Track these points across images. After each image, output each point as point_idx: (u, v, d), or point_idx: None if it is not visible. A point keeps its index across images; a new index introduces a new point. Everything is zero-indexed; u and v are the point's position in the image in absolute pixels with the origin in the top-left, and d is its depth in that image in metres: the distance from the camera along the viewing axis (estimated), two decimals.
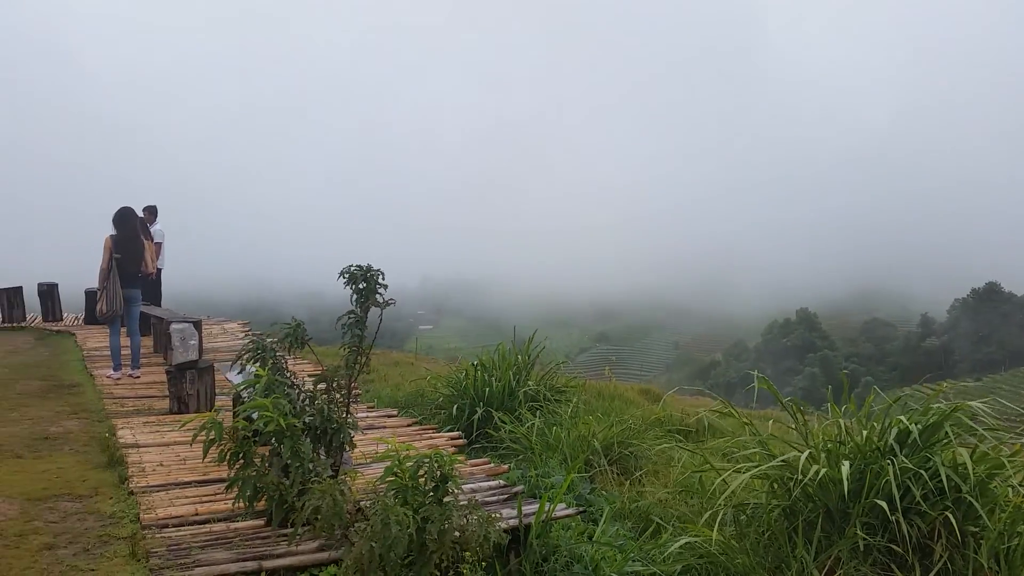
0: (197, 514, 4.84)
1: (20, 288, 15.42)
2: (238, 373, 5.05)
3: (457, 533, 3.44)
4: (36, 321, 15.38)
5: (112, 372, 9.54)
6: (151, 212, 12.81)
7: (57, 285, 15.80)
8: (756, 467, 5.11)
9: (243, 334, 13.84)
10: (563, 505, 5.09)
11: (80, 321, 15.37)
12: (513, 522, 4.49)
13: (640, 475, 6.96)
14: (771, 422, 6.20)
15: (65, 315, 15.94)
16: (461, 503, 3.68)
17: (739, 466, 5.34)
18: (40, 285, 15.67)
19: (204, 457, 4.30)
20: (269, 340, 4.49)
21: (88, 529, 4.64)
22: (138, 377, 9.59)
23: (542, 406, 8.32)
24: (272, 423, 3.81)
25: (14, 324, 14.87)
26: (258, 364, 4.39)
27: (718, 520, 4.89)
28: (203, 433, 4.21)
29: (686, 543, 4.99)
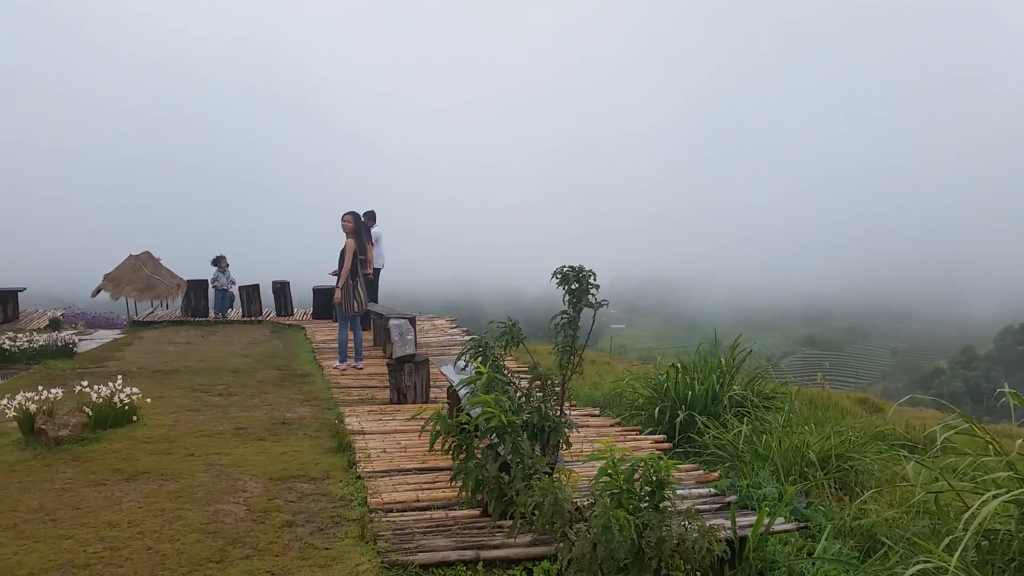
0: (418, 500, 5.11)
1: (257, 286, 17.15)
2: (461, 368, 5.26)
3: (676, 542, 3.36)
4: (271, 316, 17.02)
5: (338, 363, 10.32)
6: (371, 217, 13.74)
7: (289, 283, 17.39)
8: (1007, 493, 4.56)
9: (451, 330, 14.50)
10: (781, 519, 4.83)
11: (309, 316, 16.81)
12: (728, 533, 4.33)
13: (862, 491, 6.46)
14: (1019, 441, 5.52)
15: (296, 310, 17.50)
16: (678, 510, 3.59)
17: (985, 489, 4.80)
18: (274, 283, 17.32)
19: (431, 448, 4.51)
20: (484, 338, 4.64)
21: (322, 510, 5.03)
22: (361, 368, 10.28)
23: (749, 412, 7.97)
24: (494, 419, 3.93)
25: (252, 318, 16.56)
26: (478, 360, 4.55)
27: (961, 546, 4.42)
28: (429, 425, 4.42)
29: (920, 568, 4.56)
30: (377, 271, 13.95)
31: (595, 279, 4.47)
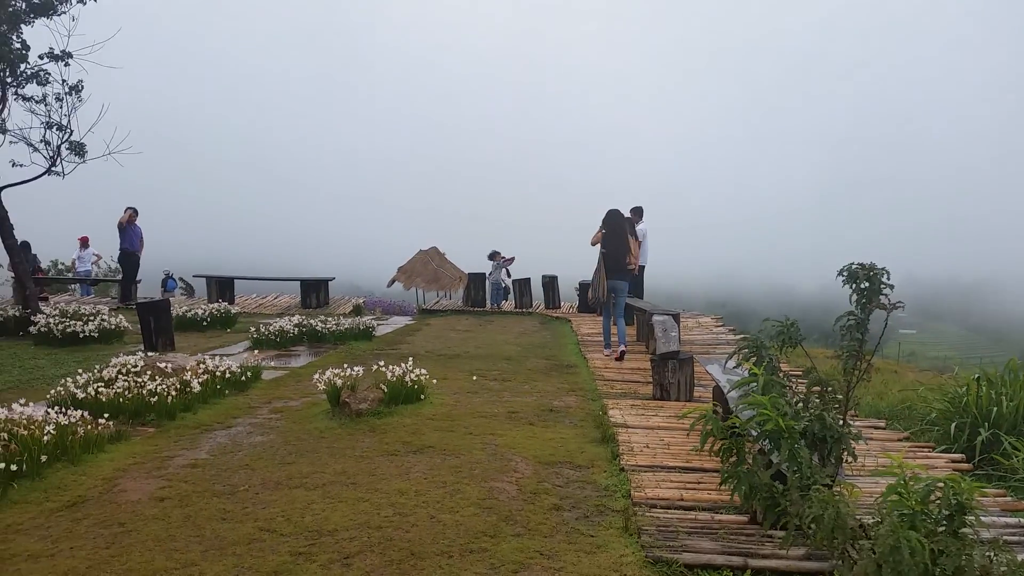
0: (682, 500, 5.03)
1: (528, 280, 17.98)
2: (731, 367, 5.10)
3: (978, 574, 2.97)
4: (539, 307, 17.74)
5: (605, 350, 10.99)
6: (637, 212, 13.77)
7: (557, 277, 18.01)
8: None
9: (716, 328, 14.10)
10: None
11: (575, 309, 17.28)
12: None
13: None
14: None
15: (562, 303, 18.08)
16: (982, 539, 3.17)
17: None
18: (544, 277, 18.03)
19: (700, 447, 4.43)
20: (760, 337, 4.44)
21: (587, 497, 5.14)
22: (624, 350, 10.70)
23: None
24: (770, 423, 3.76)
25: (524, 310, 17.37)
26: (751, 361, 4.37)
27: None
28: (699, 424, 4.34)
29: None
30: (641, 268, 13.94)
31: (888, 278, 4.08)
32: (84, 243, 20.50)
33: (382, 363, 7.77)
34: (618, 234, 10.58)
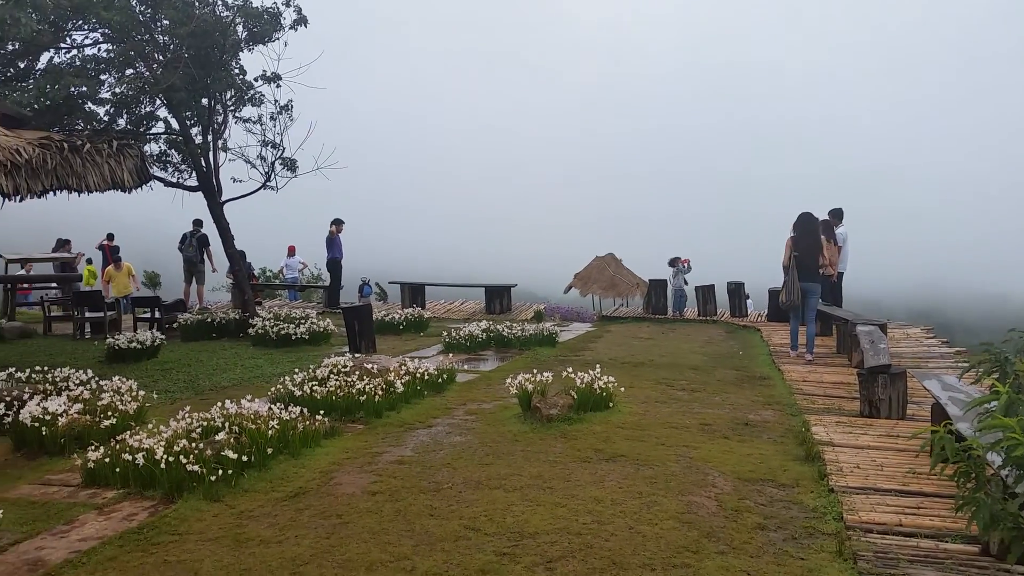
0: (901, 525, 4.65)
1: (712, 286, 17.44)
2: (960, 384, 4.66)
3: None
4: (724, 316, 17.16)
5: (791, 352, 11.05)
6: (836, 215, 12.99)
7: (743, 284, 17.35)
8: None
9: (927, 340, 12.97)
10: None
11: (764, 317, 16.56)
12: None
13: None
14: None
15: (750, 311, 17.39)
16: None
17: None
18: (729, 283, 17.44)
19: (931, 470, 4.08)
20: (1003, 350, 4.01)
21: (793, 518, 4.88)
22: (811, 360, 10.69)
23: None
24: (1020, 448, 3.38)
25: (707, 317, 16.88)
26: (993, 377, 3.97)
27: None
28: (928, 446, 4.00)
29: None
30: (840, 275, 13.13)
31: None
32: (291, 252, 22.31)
33: (570, 370, 7.82)
34: (810, 236, 10.66)
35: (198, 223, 17.47)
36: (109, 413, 6.65)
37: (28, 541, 4.57)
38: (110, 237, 22.10)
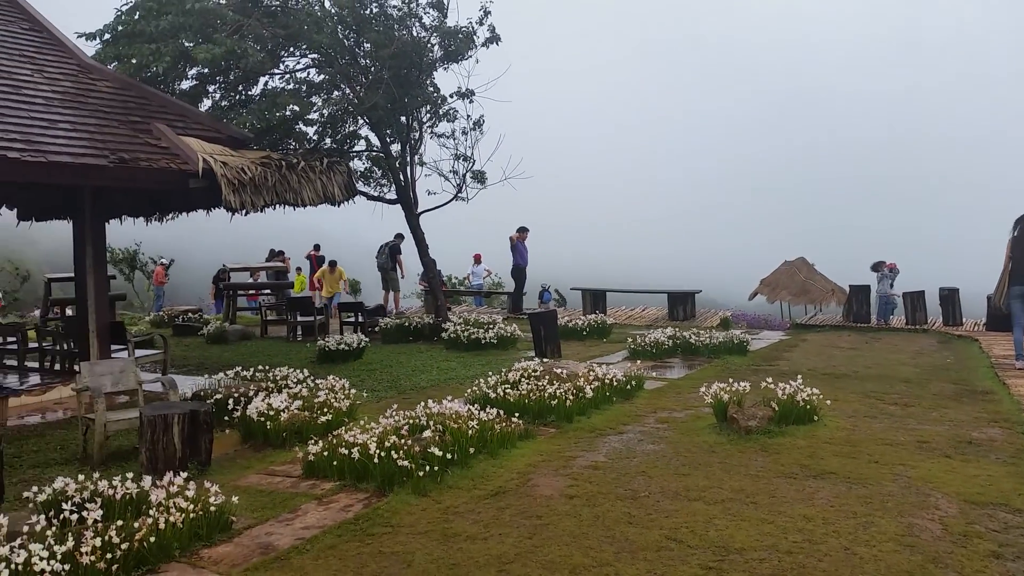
0: None
1: (922, 292, 16.08)
2: None
3: None
4: (936, 324, 15.78)
5: (1016, 362, 10.26)
6: None
7: (958, 290, 15.87)
8: None
9: None
10: None
11: (982, 327, 15.06)
12: None
13: None
14: None
15: (965, 320, 15.89)
16: None
17: None
18: (941, 290, 16.02)
19: None
20: None
21: None
22: (1021, 368, 10.01)
23: None
24: None
25: (917, 326, 15.59)
26: None
27: None
28: None
29: None
30: None
31: None
32: (477, 260, 23.11)
33: (769, 380, 7.49)
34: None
35: (399, 236, 18.54)
36: (325, 410, 7.18)
37: (259, 526, 5.02)
38: (316, 247, 23.99)
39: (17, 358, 11.69)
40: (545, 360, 9.64)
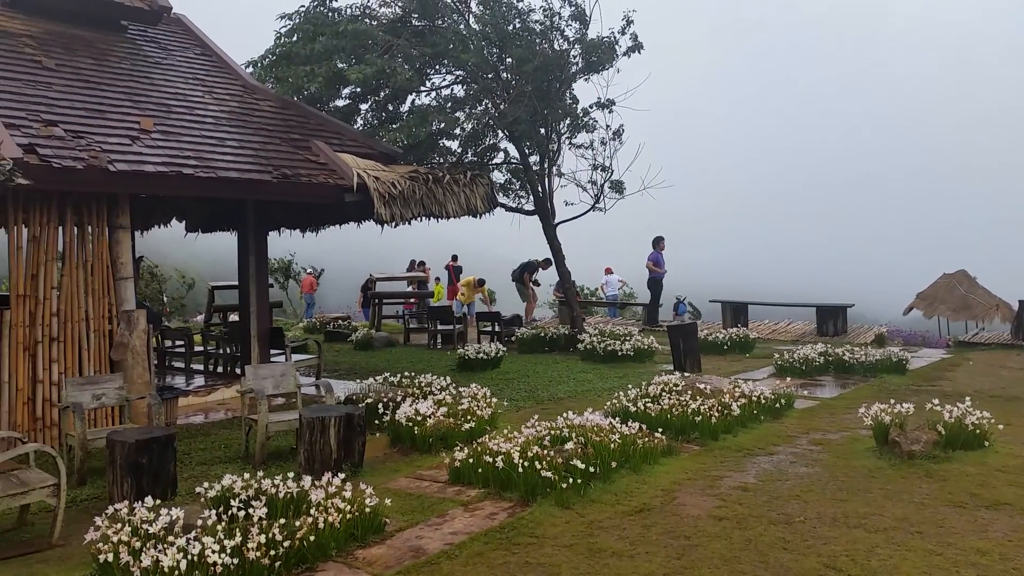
0: None
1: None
2: None
3: None
4: None
5: None
6: None
7: None
8: None
9: None
10: None
11: None
12: None
13: None
14: None
15: None
16: None
17: None
18: None
19: None
20: None
21: None
22: None
23: None
24: None
25: None
26: None
27: None
28: None
29: None
30: None
31: None
32: (608, 271, 22.97)
33: (935, 401, 6.98)
34: None
35: (547, 261, 18.64)
36: (468, 417, 7.33)
37: (409, 529, 5.17)
38: (454, 258, 24.62)
39: (184, 360, 12.68)
40: (686, 374, 9.42)
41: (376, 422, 7.76)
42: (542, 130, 13.47)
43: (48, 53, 9.90)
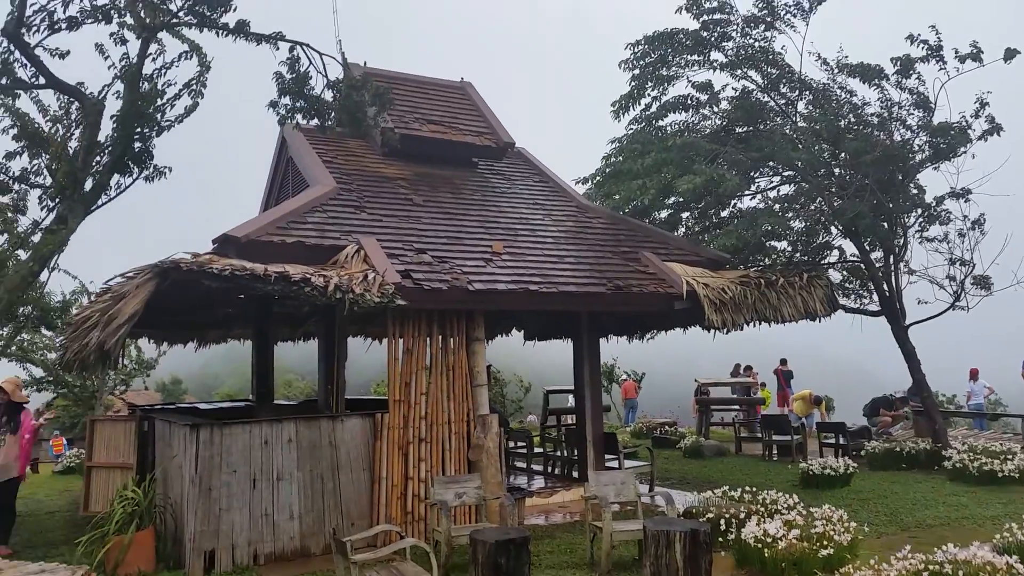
0: None
1: None
2: None
3: None
4: None
5: None
6: None
7: None
8: None
9: None
10: None
11: None
12: None
13: None
14: None
15: None
16: None
17: None
18: None
19: None
20: None
21: None
22: None
23: None
24: None
25: None
26: None
27: None
28: None
29: None
30: None
31: None
32: (973, 375, 20.04)
33: None
34: None
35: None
36: (824, 542, 6.68)
37: None
38: (783, 362, 23.35)
39: (525, 460, 13.36)
40: None
41: (720, 540, 7.40)
42: (885, 224, 12.46)
43: (417, 191, 11.52)
